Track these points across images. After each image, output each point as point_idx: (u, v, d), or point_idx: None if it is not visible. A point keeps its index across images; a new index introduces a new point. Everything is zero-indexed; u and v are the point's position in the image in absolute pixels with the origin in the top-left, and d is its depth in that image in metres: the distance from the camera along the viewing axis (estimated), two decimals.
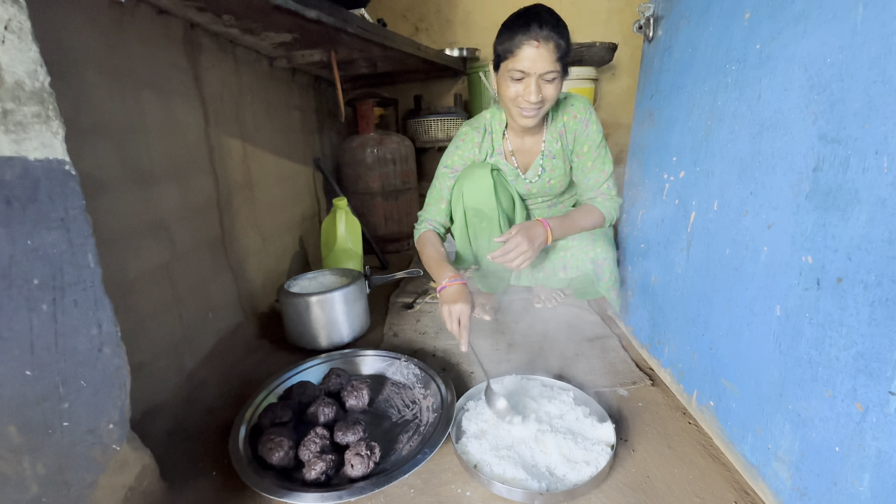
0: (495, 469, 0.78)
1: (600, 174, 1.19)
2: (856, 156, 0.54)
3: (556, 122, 1.17)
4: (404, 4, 2.48)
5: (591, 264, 1.21)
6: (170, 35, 1.04)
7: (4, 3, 0.47)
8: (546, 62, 0.97)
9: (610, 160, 1.20)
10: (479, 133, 1.20)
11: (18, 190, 0.49)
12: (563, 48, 0.98)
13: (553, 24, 0.97)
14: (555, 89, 1.02)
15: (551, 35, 0.96)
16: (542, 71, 0.98)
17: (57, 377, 0.53)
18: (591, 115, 1.16)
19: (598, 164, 1.19)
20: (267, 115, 1.53)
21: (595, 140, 1.16)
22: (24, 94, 0.49)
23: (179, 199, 1.05)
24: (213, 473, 0.82)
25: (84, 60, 0.79)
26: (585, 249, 1.22)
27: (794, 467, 0.64)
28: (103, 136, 0.83)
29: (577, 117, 1.15)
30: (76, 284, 0.55)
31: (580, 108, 1.15)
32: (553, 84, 1.01)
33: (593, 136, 1.16)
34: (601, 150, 1.18)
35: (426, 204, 1.26)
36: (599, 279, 1.22)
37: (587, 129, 1.15)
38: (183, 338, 1.05)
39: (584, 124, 1.15)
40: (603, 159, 1.19)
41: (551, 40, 0.96)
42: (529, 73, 0.98)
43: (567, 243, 1.25)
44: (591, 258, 1.21)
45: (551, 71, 0.98)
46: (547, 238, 1.11)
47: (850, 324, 0.55)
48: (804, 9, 0.63)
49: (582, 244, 1.22)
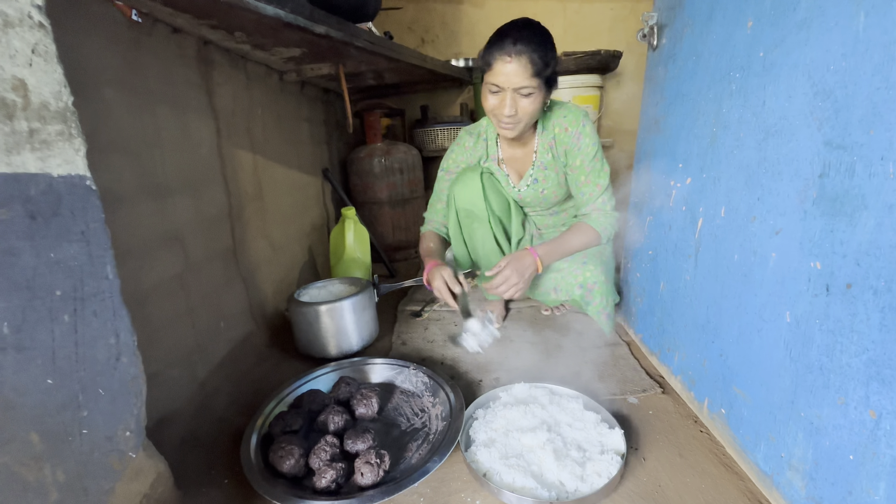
0: (505, 478, 0.78)
1: (594, 188, 1.16)
2: (861, 162, 0.54)
3: (547, 134, 1.16)
4: (410, 17, 2.52)
5: (579, 289, 1.18)
6: (184, 52, 1.07)
7: (32, 28, 0.50)
8: (519, 77, 0.98)
9: (605, 173, 1.16)
10: (473, 138, 1.24)
11: (42, 205, 0.51)
12: (538, 63, 0.98)
13: (527, 40, 0.97)
14: (532, 104, 1.02)
15: (524, 50, 0.96)
16: (516, 86, 0.99)
17: (77, 386, 0.54)
18: (583, 127, 1.12)
19: (591, 178, 1.15)
20: (277, 128, 1.57)
21: (588, 153, 1.13)
22: (49, 113, 0.52)
23: (193, 211, 1.08)
24: (225, 481, 0.83)
25: (103, 79, 0.82)
26: (575, 273, 1.18)
27: (809, 476, 0.64)
28: (121, 151, 0.86)
29: (568, 130, 1.13)
30: (96, 295, 0.57)
31: (572, 120, 1.12)
32: (529, 99, 1.02)
33: (586, 150, 1.13)
34: (595, 163, 1.14)
35: (429, 205, 1.33)
36: (588, 304, 1.19)
37: (579, 142, 1.12)
38: (196, 347, 1.07)
39: (575, 138, 1.12)
40: (597, 173, 1.15)
41: (524, 55, 0.97)
42: (504, 88, 1.00)
43: (559, 265, 1.22)
44: (581, 282, 1.18)
45: (526, 86, 0.99)
46: (537, 267, 1.13)
47: (861, 330, 0.55)
48: (806, 17, 0.63)
49: (572, 267, 1.19)
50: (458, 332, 1.31)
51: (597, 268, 1.17)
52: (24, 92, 0.49)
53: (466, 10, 2.53)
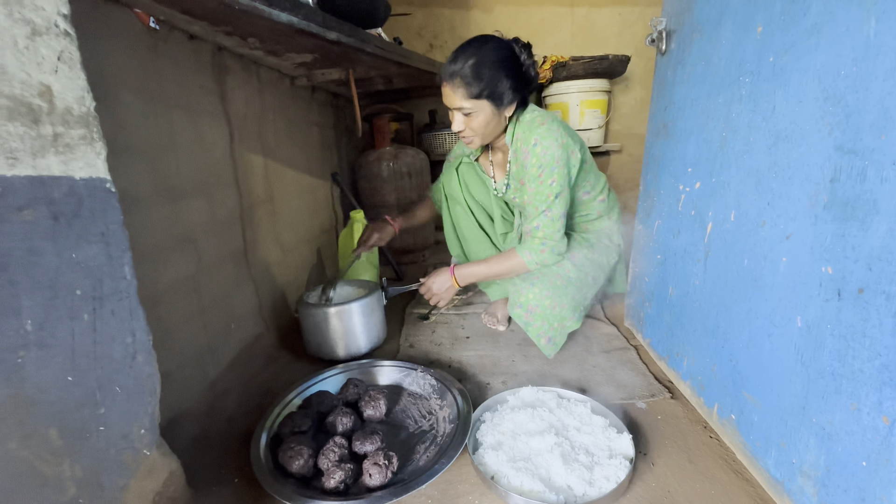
0: (512, 481, 0.78)
1: (533, 209, 1.11)
2: (873, 166, 0.54)
3: (513, 145, 1.15)
4: (419, 23, 2.54)
5: (519, 309, 1.18)
6: (199, 58, 1.09)
7: (58, 36, 0.51)
8: (455, 98, 1.02)
9: (547, 198, 1.08)
10: None
11: (65, 207, 0.52)
12: (472, 85, 0.99)
13: (463, 62, 0.99)
14: (476, 121, 1.05)
15: (458, 72, 0.99)
16: (455, 107, 1.03)
17: (94, 383, 0.56)
18: (534, 147, 1.07)
19: (532, 199, 1.11)
20: (287, 132, 1.59)
21: (532, 174, 1.09)
22: (73, 118, 0.53)
23: (206, 213, 1.10)
24: (236, 481, 0.84)
25: (122, 84, 0.84)
26: (520, 292, 1.17)
27: (821, 483, 0.63)
28: (137, 154, 0.88)
29: (522, 146, 1.11)
30: (113, 295, 0.58)
31: (527, 137, 1.09)
32: (472, 117, 1.04)
33: (531, 170, 1.09)
34: (538, 185, 1.08)
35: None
36: (528, 325, 1.17)
37: (527, 160, 1.09)
38: (207, 347, 1.08)
39: (525, 155, 1.10)
40: (539, 195, 1.09)
41: (457, 77, 0.99)
42: (450, 107, 1.06)
43: (514, 280, 1.22)
44: (522, 303, 1.17)
45: (464, 107, 1.02)
46: (453, 283, 1.23)
47: (874, 335, 0.54)
48: (817, 22, 0.63)
49: (521, 286, 1.18)
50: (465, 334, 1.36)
51: (543, 291, 1.15)
52: (50, 97, 0.51)
53: (475, 15, 2.55)
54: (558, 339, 1.20)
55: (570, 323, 1.20)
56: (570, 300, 1.18)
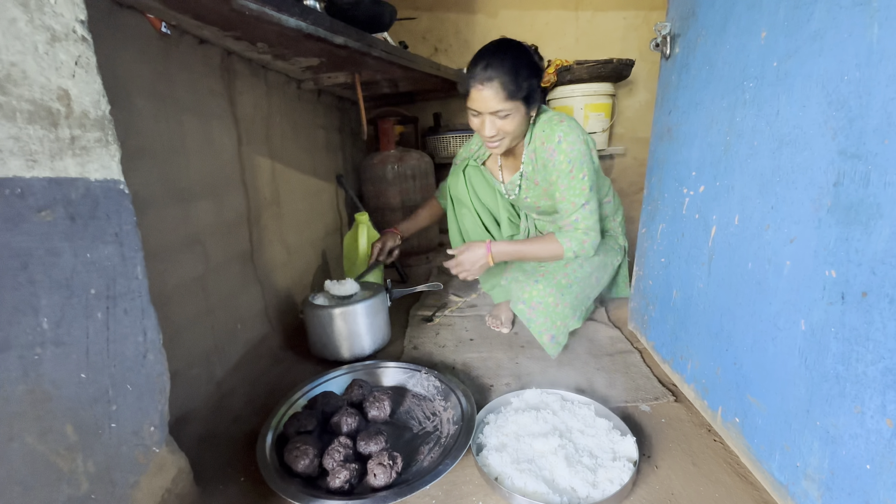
0: (516, 482, 0.79)
1: (569, 205, 1.15)
2: (876, 171, 0.54)
3: (531, 145, 1.17)
4: (424, 27, 2.56)
5: (522, 305, 1.18)
6: (209, 63, 1.11)
7: (76, 42, 0.53)
8: (492, 102, 1.01)
9: (583, 192, 1.13)
10: (478, 141, 1.33)
11: (81, 208, 0.54)
12: (510, 87, 0.99)
13: (498, 65, 0.99)
14: (511, 123, 1.05)
15: (494, 75, 0.99)
16: (491, 110, 1.02)
17: (107, 381, 0.57)
18: (558, 144, 1.11)
19: (566, 195, 1.14)
20: (294, 135, 1.61)
21: (562, 170, 1.12)
22: (89, 121, 0.55)
23: (214, 215, 1.11)
24: (242, 479, 0.85)
25: (135, 88, 0.86)
26: (524, 288, 1.18)
27: (825, 486, 0.63)
28: (148, 157, 0.89)
29: (544, 144, 1.13)
30: (126, 294, 0.59)
31: (549, 135, 1.12)
32: (507, 119, 1.04)
33: (559, 166, 1.12)
34: (570, 180, 1.12)
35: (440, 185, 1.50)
36: (530, 322, 1.18)
37: (554, 157, 1.12)
38: (214, 347, 1.09)
39: (550, 153, 1.12)
40: (572, 189, 1.13)
41: (495, 80, 0.99)
42: (481, 112, 1.05)
43: (516, 275, 1.24)
44: (525, 299, 1.17)
45: (500, 110, 1.02)
46: (488, 260, 1.18)
47: (877, 338, 0.55)
48: (820, 28, 0.64)
49: (525, 282, 1.19)
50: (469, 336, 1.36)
51: (547, 288, 1.16)
52: (68, 101, 0.52)
53: (480, 19, 2.56)
54: (561, 338, 1.20)
55: (571, 322, 1.21)
56: (572, 299, 1.19)
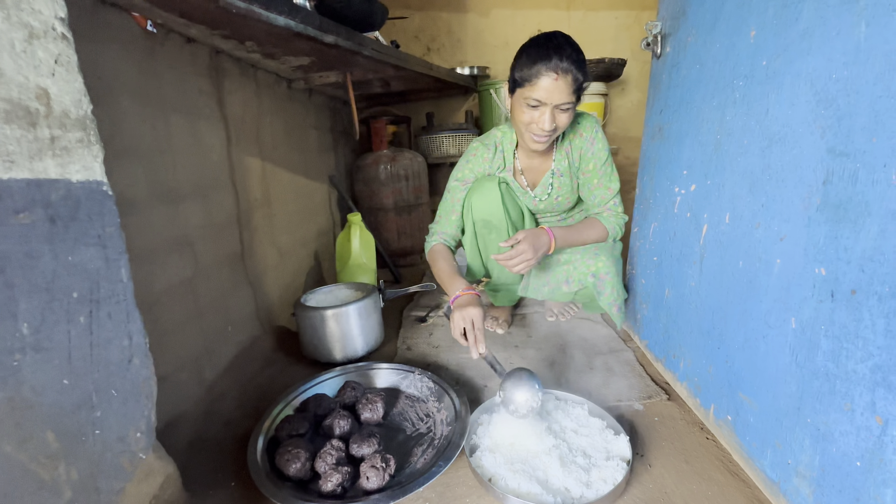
0: (510, 483, 0.78)
1: (606, 192, 1.21)
2: (864, 169, 0.55)
3: (565, 141, 1.19)
4: (416, 26, 2.55)
5: (591, 278, 1.21)
6: (196, 62, 1.09)
7: (55, 39, 0.51)
8: (563, 94, 0.99)
9: (616, 178, 1.21)
10: (489, 150, 1.22)
11: (62, 209, 0.52)
12: (580, 81, 1.00)
13: (574, 58, 0.98)
14: (568, 118, 1.04)
15: (571, 68, 0.97)
16: (558, 102, 1.00)
17: (91, 386, 0.56)
18: (596, 133, 1.17)
19: (603, 182, 1.20)
20: (285, 135, 1.59)
21: (600, 158, 1.18)
22: (70, 121, 0.53)
23: (203, 216, 1.09)
24: (232, 484, 0.84)
25: (119, 87, 0.84)
26: (588, 263, 1.22)
27: (816, 483, 0.63)
28: (134, 157, 0.88)
29: (583, 136, 1.17)
30: (110, 298, 0.58)
31: (586, 126, 1.17)
32: (567, 113, 1.03)
33: (598, 154, 1.18)
34: (606, 167, 1.19)
35: (437, 217, 1.29)
36: (601, 293, 1.22)
37: (593, 146, 1.17)
38: (204, 351, 1.08)
39: (589, 143, 1.17)
40: (609, 177, 1.20)
41: (570, 73, 0.98)
42: (546, 103, 1.01)
43: (570, 257, 1.25)
44: (593, 272, 1.21)
45: (567, 102, 1.00)
46: (550, 246, 1.14)
47: (867, 336, 0.55)
48: (808, 27, 0.64)
49: (584, 258, 1.23)
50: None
51: (608, 260, 1.20)
52: (47, 100, 0.51)
53: (472, 19, 2.56)
54: (623, 309, 1.24)
55: (624, 296, 1.25)
56: (621, 275, 1.25)
